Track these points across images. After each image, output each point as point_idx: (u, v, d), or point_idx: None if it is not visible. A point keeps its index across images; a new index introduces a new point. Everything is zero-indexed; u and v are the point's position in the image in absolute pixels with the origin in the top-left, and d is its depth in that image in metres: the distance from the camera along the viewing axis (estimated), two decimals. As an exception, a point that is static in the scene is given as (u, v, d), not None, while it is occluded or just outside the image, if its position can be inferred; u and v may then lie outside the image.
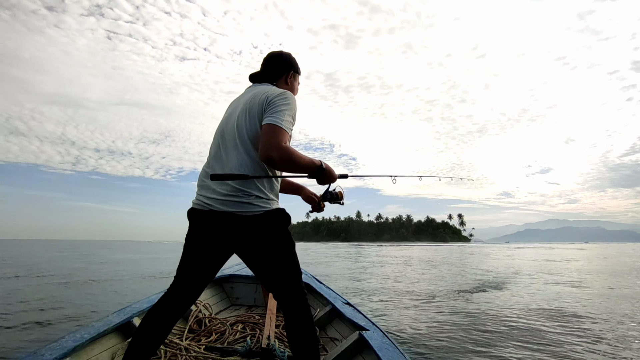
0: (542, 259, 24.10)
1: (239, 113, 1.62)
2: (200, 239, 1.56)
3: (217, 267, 1.60)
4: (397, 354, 1.87)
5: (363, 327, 2.26)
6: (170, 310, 1.54)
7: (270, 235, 1.54)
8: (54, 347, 1.71)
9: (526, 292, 8.95)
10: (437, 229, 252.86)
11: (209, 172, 1.58)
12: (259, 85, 1.71)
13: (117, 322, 2.13)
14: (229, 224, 1.50)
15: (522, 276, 12.80)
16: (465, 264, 19.80)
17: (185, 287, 1.57)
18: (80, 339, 1.83)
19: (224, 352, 2.22)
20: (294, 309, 1.56)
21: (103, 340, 2.01)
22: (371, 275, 13.26)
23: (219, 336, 2.49)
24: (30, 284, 9.87)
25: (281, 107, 1.51)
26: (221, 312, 3.30)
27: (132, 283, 10.52)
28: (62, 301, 7.21)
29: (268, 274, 1.58)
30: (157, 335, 1.52)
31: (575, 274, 13.58)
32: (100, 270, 14.96)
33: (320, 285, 3.34)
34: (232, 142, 1.58)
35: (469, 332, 4.89)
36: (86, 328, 1.99)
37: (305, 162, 1.52)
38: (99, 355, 1.94)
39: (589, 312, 6.36)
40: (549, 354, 4.02)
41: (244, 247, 1.55)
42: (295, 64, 1.84)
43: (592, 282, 11.25)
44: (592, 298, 7.99)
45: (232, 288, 3.62)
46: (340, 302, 2.85)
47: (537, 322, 5.53)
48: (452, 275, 13.34)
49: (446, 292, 8.85)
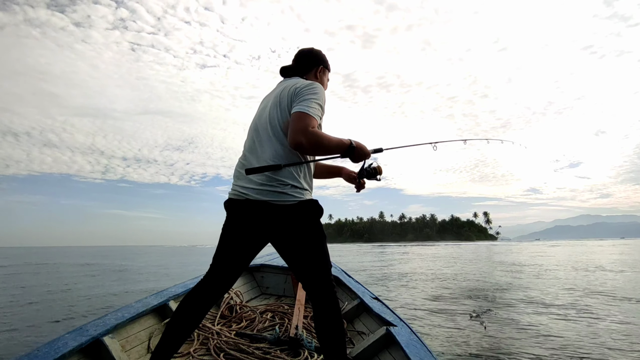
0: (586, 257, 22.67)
1: (270, 106, 1.66)
2: (237, 228, 1.60)
3: (251, 255, 1.64)
4: (425, 351, 1.85)
5: (391, 322, 2.25)
6: (205, 297, 1.59)
7: (303, 225, 1.57)
8: (97, 323, 1.83)
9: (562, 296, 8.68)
10: (461, 227, 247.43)
11: (245, 164, 1.63)
12: (289, 79, 1.76)
13: (154, 304, 2.24)
14: (264, 212, 1.54)
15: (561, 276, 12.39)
16: (493, 262, 19.29)
17: (221, 275, 1.61)
18: (121, 317, 1.95)
19: (253, 339, 2.27)
20: (322, 300, 1.58)
21: (141, 320, 2.13)
22: (396, 272, 13.15)
23: (248, 323, 2.55)
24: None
25: (309, 96, 1.55)
26: (251, 300, 3.37)
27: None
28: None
29: (299, 263, 1.61)
30: (192, 320, 1.57)
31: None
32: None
33: (349, 279, 3.35)
34: (266, 134, 1.62)
35: (496, 338, 4.79)
36: (126, 308, 2.10)
37: (334, 142, 1.55)
38: (138, 334, 2.06)
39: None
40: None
41: (277, 236, 1.59)
42: (324, 60, 1.88)
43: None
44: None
45: (263, 277, 3.70)
46: (369, 296, 2.85)
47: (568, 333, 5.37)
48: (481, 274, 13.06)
49: (472, 293, 8.68)
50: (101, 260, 28.02)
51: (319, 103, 1.56)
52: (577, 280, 10.18)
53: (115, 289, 10.13)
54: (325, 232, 1.64)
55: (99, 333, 1.73)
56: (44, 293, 9.38)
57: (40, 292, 9.64)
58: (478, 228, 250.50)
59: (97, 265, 21.37)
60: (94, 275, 14.76)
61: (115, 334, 1.86)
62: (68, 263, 24.24)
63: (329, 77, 1.94)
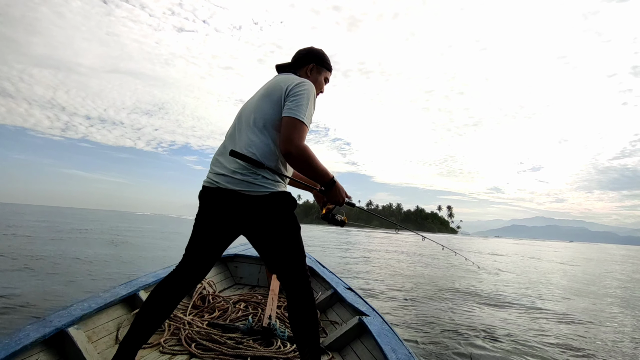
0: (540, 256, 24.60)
1: (258, 97, 1.67)
2: (208, 217, 1.58)
3: (224, 246, 1.63)
4: (395, 340, 1.91)
5: (363, 312, 2.31)
6: (177, 287, 1.58)
7: (275, 217, 1.55)
8: (62, 314, 1.76)
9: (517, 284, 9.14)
10: (425, 219, 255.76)
11: (222, 151, 1.63)
12: (281, 75, 1.75)
13: (123, 294, 2.18)
14: (234, 202, 1.53)
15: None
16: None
17: (194, 265, 1.60)
18: (87, 308, 1.88)
19: (225, 329, 2.26)
20: (297, 291, 1.59)
21: (109, 310, 2.07)
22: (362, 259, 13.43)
23: (221, 313, 2.54)
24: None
25: (302, 100, 1.54)
26: (225, 290, 3.37)
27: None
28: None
29: (272, 255, 1.60)
30: (163, 310, 1.56)
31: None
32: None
33: (323, 269, 3.41)
34: (246, 122, 1.62)
35: (460, 325, 5.00)
36: (93, 298, 2.03)
37: (319, 168, 1.56)
38: (105, 325, 2.00)
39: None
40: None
41: (249, 228, 1.58)
42: (319, 58, 1.84)
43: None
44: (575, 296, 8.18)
45: (237, 267, 3.70)
46: (342, 287, 2.91)
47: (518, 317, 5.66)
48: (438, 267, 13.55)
49: (434, 283, 9.00)
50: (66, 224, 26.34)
51: (310, 104, 1.57)
52: (529, 273, 10.82)
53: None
54: (299, 224, 1.62)
55: (64, 324, 1.67)
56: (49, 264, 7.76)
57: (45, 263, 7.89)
58: (440, 221, 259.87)
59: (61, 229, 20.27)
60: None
61: (82, 324, 1.80)
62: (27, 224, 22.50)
63: (328, 77, 1.89)
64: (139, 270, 7.57)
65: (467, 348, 3.96)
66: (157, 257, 10.72)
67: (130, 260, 9.59)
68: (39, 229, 19.33)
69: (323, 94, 1.91)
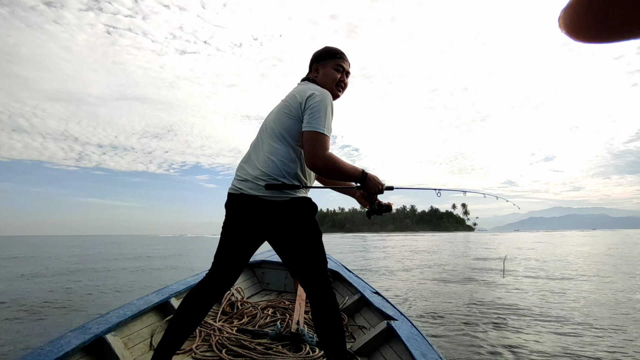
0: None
1: (277, 108, 1.72)
2: (234, 224, 1.63)
3: (250, 252, 1.66)
4: (426, 345, 1.87)
5: (391, 316, 2.28)
6: (208, 294, 1.62)
7: (296, 222, 1.59)
8: (100, 321, 1.84)
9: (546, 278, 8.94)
10: (440, 218, 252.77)
11: (247, 159, 1.68)
12: (298, 85, 1.79)
13: (156, 301, 2.26)
14: (257, 207, 1.56)
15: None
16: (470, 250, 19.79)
17: (223, 272, 1.64)
18: (123, 315, 1.96)
19: (255, 335, 2.28)
20: (319, 296, 1.61)
21: (143, 317, 2.15)
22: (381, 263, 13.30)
23: (250, 319, 2.57)
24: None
25: (318, 112, 1.57)
26: (252, 296, 3.40)
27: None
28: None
29: (294, 261, 1.63)
30: (195, 317, 1.61)
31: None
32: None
33: (349, 273, 3.38)
34: (267, 132, 1.68)
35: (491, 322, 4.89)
36: (128, 305, 2.11)
37: (348, 169, 1.61)
38: (140, 331, 2.07)
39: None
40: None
41: (271, 233, 1.61)
42: (317, 56, 1.82)
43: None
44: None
45: (264, 273, 3.73)
46: (369, 291, 2.87)
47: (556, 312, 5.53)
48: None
49: (460, 281, 8.86)
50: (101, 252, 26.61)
51: (327, 113, 1.59)
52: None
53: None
54: (320, 230, 1.65)
55: (102, 331, 1.76)
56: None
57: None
58: (456, 219, 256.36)
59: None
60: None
61: (118, 331, 1.88)
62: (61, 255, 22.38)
63: (341, 64, 1.79)
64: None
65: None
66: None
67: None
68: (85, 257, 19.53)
69: (346, 84, 1.84)
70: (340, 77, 1.80)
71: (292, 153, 1.61)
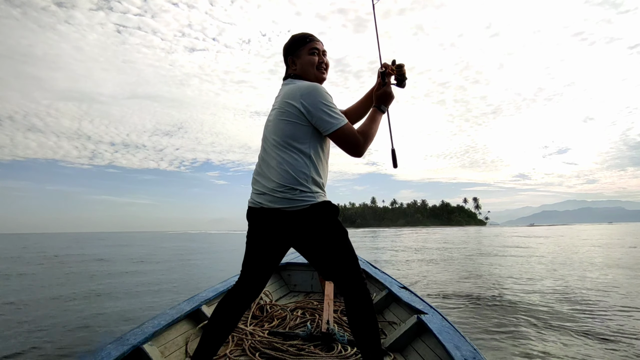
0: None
1: (273, 117, 1.67)
2: (258, 235, 1.63)
3: (277, 260, 1.67)
4: (458, 337, 1.83)
5: (421, 310, 2.25)
6: (239, 301, 1.65)
7: (319, 227, 1.56)
8: (136, 332, 1.87)
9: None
10: (452, 213, 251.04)
11: (259, 171, 1.67)
12: (286, 85, 1.71)
13: (187, 309, 2.28)
14: (278, 220, 1.56)
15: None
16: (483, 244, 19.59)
17: (251, 280, 1.65)
18: (157, 325, 1.99)
19: (286, 337, 2.28)
20: (355, 294, 1.58)
21: (177, 326, 2.18)
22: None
23: (280, 321, 2.58)
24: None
25: (325, 110, 1.55)
26: (281, 298, 3.43)
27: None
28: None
29: (324, 264, 1.61)
30: (228, 324, 1.63)
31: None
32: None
33: (375, 270, 3.40)
34: (271, 143, 1.63)
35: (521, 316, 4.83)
36: (162, 315, 2.14)
37: (377, 125, 1.68)
38: (175, 340, 2.11)
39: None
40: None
41: (297, 241, 1.60)
42: (287, 48, 1.76)
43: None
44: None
45: (290, 275, 3.78)
46: (397, 286, 2.87)
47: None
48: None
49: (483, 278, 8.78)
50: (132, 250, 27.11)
51: (330, 103, 1.58)
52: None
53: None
54: (345, 229, 1.62)
55: (139, 341, 1.77)
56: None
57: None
58: (468, 213, 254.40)
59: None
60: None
61: (154, 341, 1.91)
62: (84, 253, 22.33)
63: (315, 46, 1.72)
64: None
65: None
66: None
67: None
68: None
69: (327, 64, 1.77)
70: (319, 59, 1.73)
71: (302, 158, 1.58)
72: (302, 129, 1.58)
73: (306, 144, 1.58)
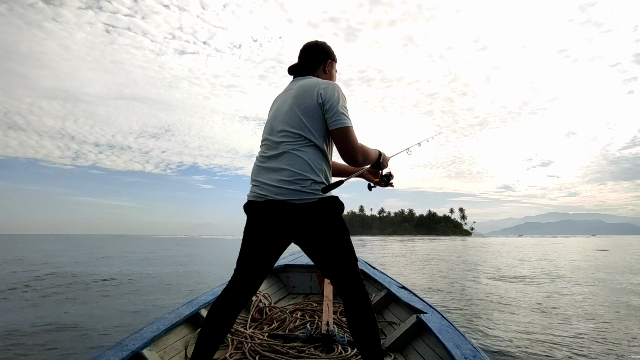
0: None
1: (288, 107, 1.62)
2: (258, 230, 1.58)
3: (275, 257, 1.62)
4: (458, 336, 1.83)
5: (420, 310, 2.25)
6: (233, 301, 1.58)
7: (325, 222, 1.54)
8: (135, 337, 1.83)
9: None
10: (438, 222, 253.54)
11: (262, 167, 1.61)
12: (304, 79, 1.70)
13: (186, 313, 2.25)
14: (284, 212, 1.52)
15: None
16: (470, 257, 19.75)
17: (246, 278, 1.59)
18: (156, 329, 1.95)
19: (286, 339, 2.26)
20: (352, 295, 1.56)
21: (176, 330, 2.14)
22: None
23: (279, 324, 2.56)
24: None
25: (340, 107, 1.56)
26: (280, 300, 3.41)
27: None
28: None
29: (325, 260, 1.58)
30: (223, 325, 1.57)
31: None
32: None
33: (374, 270, 3.42)
34: (284, 134, 1.58)
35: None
36: (161, 320, 2.11)
37: (373, 153, 1.72)
38: (174, 344, 2.07)
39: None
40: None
41: (300, 235, 1.57)
42: (330, 52, 1.82)
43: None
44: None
45: (288, 277, 3.76)
46: (396, 286, 2.87)
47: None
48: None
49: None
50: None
51: (346, 104, 1.62)
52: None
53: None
54: (347, 228, 1.61)
55: (138, 347, 1.74)
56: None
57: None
58: (454, 223, 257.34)
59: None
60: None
61: (153, 346, 1.88)
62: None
63: (337, 68, 1.88)
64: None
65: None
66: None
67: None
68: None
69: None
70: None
71: (316, 150, 1.57)
72: (317, 122, 1.57)
73: (320, 139, 1.58)
